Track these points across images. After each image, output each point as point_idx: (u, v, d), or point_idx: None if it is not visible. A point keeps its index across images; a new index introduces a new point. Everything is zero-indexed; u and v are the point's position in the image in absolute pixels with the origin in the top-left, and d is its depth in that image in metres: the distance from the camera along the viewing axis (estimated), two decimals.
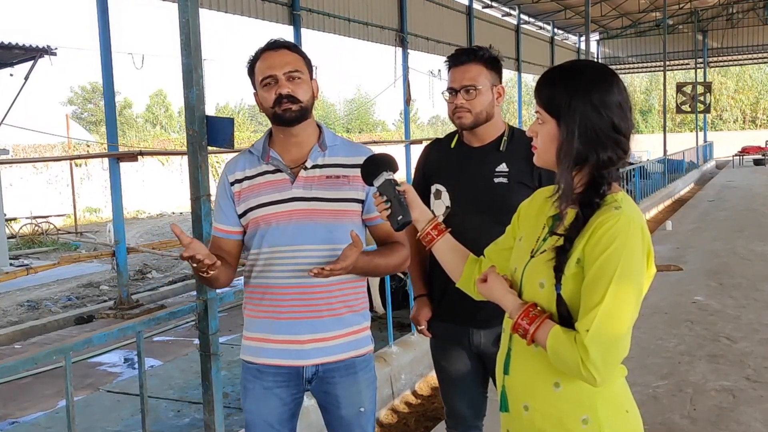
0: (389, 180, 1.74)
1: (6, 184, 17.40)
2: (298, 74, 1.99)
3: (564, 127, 1.46)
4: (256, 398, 2.07)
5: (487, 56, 2.32)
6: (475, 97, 2.29)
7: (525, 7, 23.95)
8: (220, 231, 2.09)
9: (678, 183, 18.54)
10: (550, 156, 1.51)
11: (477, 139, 2.38)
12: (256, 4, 12.50)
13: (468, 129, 2.35)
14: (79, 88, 50.28)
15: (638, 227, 1.42)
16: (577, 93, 1.45)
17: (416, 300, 2.53)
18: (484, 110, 2.31)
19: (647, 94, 49.94)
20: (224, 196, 2.08)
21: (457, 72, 2.31)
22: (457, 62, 2.32)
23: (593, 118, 1.44)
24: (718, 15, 28.37)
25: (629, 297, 1.38)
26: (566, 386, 1.47)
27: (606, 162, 1.46)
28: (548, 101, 1.49)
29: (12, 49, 9.27)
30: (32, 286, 10.69)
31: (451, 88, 2.32)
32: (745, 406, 3.93)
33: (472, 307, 1.97)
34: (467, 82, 2.28)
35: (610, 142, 1.46)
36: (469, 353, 2.39)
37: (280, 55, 1.99)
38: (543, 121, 1.51)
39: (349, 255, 1.87)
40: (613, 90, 1.47)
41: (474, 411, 2.48)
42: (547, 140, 1.50)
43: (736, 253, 8.80)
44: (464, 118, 2.31)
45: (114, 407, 4.61)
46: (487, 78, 2.31)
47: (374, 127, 54.07)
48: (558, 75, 1.51)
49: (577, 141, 1.45)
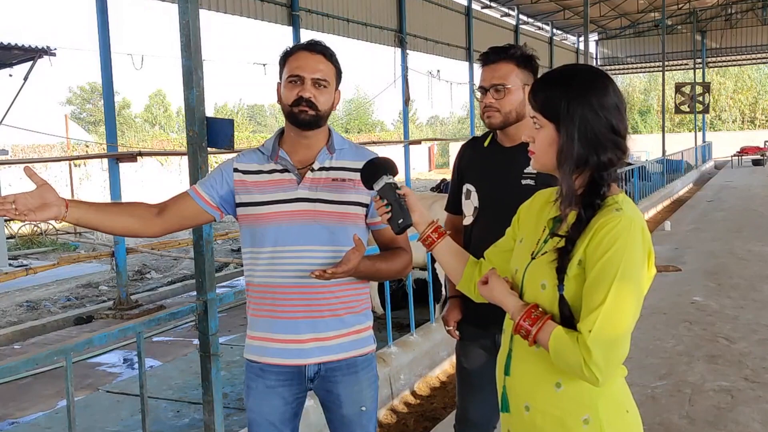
0: (389, 183, 1.75)
1: (5, 185, 17.40)
2: (325, 83, 2.00)
3: (564, 131, 1.47)
4: (259, 397, 2.08)
5: (519, 54, 2.27)
6: (504, 96, 2.24)
7: (524, 7, 23.98)
8: (196, 193, 2.05)
9: (677, 183, 18.56)
10: (548, 160, 1.52)
11: (509, 138, 2.34)
12: (255, 5, 12.51)
13: (498, 128, 2.32)
14: (78, 89, 50.29)
15: (639, 228, 1.44)
16: (574, 96, 1.46)
17: (449, 300, 2.50)
18: (513, 110, 2.26)
19: (646, 95, 49.93)
20: (220, 173, 2.07)
21: (488, 71, 2.28)
22: (487, 61, 2.29)
23: (592, 121, 1.46)
24: (717, 15, 28.40)
25: (631, 298, 1.40)
26: (567, 386, 1.48)
27: (606, 163, 1.47)
28: (545, 106, 1.50)
29: (11, 50, 9.25)
30: (31, 286, 10.69)
31: (482, 86, 2.29)
32: (743, 406, 3.94)
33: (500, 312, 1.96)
34: (496, 81, 2.25)
35: (610, 144, 1.47)
36: (492, 358, 2.31)
37: (314, 60, 1.99)
38: (540, 126, 1.51)
39: (351, 259, 1.87)
40: (609, 92, 1.48)
41: (488, 419, 2.43)
42: (545, 144, 1.51)
43: (734, 254, 8.81)
44: (493, 117, 2.28)
45: (114, 407, 4.61)
46: (518, 77, 2.26)
47: (373, 128, 54.08)
48: (554, 79, 1.52)
49: (577, 144, 1.46)
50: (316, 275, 1.85)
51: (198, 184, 2.09)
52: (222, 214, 2.09)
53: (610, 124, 1.47)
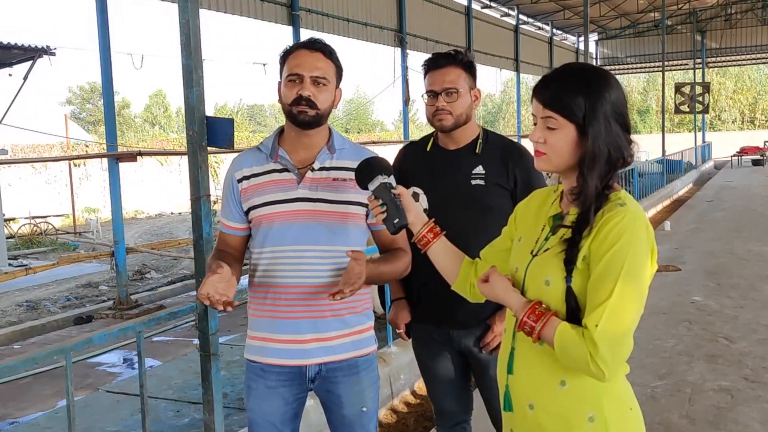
0: (384, 183, 1.74)
1: (5, 185, 17.39)
2: (324, 81, 1.99)
3: (591, 133, 1.45)
4: (260, 397, 2.08)
5: (465, 60, 2.36)
6: (456, 99, 2.32)
7: (524, 7, 23.98)
8: (227, 227, 2.11)
9: (676, 183, 18.56)
10: (564, 161, 1.50)
11: (453, 142, 2.40)
12: (255, 5, 12.51)
13: (448, 131, 2.37)
14: (78, 89, 50.32)
15: (643, 224, 1.44)
16: (597, 97, 1.45)
17: (393, 303, 2.55)
18: (464, 113, 2.34)
19: (645, 95, 49.96)
20: (230, 193, 2.09)
21: (437, 75, 2.34)
22: (436, 65, 2.35)
23: (613, 121, 1.46)
24: (717, 15, 28.41)
25: (636, 293, 1.40)
26: (572, 384, 1.48)
27: (625, 161, 1.48)
28: (565, 106, 1.46)
29: (11, 49, 9.26)
30: (31, 286, 10.69)
31: (432, 90, 2.34)
32: (743, 405, 3.94)
33: (449, 308, 2.00)
34: (448, 85, 2.31)
35: (624, 143, 1.48)
36: (452, 351, 2.43)
37: (313, 58, 1.99)
38: (557, 127, 1.47)
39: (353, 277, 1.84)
40: (619, 92, 1.49)
41: (462, 406, 2.53)
42: (562, 145, 1.48)
43: (734, 254, 8.81)
44: (445, 120, 2.33)
45: (113, 407, 4.61)
46: (466, 81, 2.35)
47: (373, 128, 54.12)
48: (570, 79, 1.49)
49: (603, 145, 1.45)
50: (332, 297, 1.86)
51: (223, 218, 2.12)
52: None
53: (626, 123, 1.48)
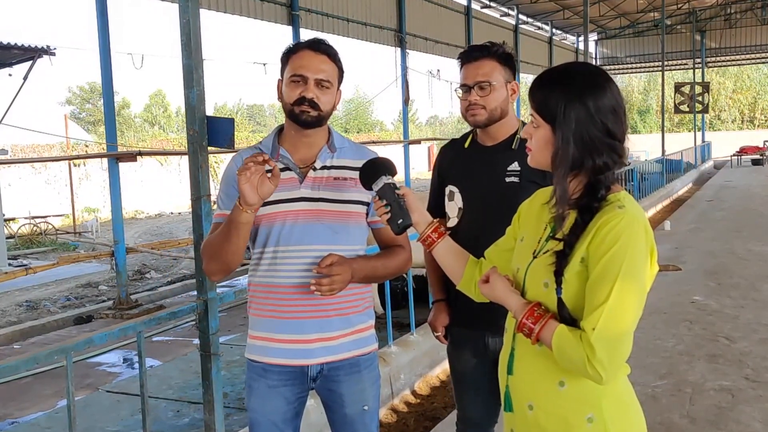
0: (388, 184, 1.74)
1: (5, 184, 17.39)
2: (328, 84, 1.99)
3: (559, 134, 1.46)
4: (261, 397, 2.07)
5: (501, 52, 2.26)
6: (489, 93, 2.22)
7: (523, 7, 23.97)
8: (224, 217, 2.01)
9: (676, 183, 18.56)
10: (543, 159, 1.52)
11: (490, 137, 2.32)
12: (255, 5, 12.51)
13: (482, 126, 2.29)
14: (78, 89, 50.28)
15: (641, 226, 1.43)
16: (572, 99, 1.45)
17: (434, 305, 2.47)
18: (498, 107, 2.25)
19: (645, 95, 49.95)
20: (232, 185, 2.01)
21: (471, 68, 2.25)
22: (470, 58, 2.27)
23: (588, 125, 1.45)
24: (716, 15, 28.39)
25: (634, 295, 1.39)
26: (571, 385, 1.47)
27: (602, 167, 1.46)
28: (542, 106, 1.49)
29: (11, 49, 9.26)
30: (31, 286, 10.69)
31: (465, 84, 2.26)
32: (743, 405, 3.94)
33: (488, 312, 1.90)
34: (481, 78, 2.22)
35: (605, 148, 1.46)
36: (485, 358, 2.31)
37: (318, 60, 1.98)
38: (537, 125, 1.51)
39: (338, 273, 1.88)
40: (607, 94, 1.47)
41: (488, 416, 2.42)
42: (541, 144, 1.51)
43: (734, 253, 8.81)
44: (478, 115, 2.25)
45: (113, 407, 4.61)
46: (501, 74, 2.25)
47: (373, 127, 54.09)
48: (552, 79, 1.51)
49: (572, 147, 1.45)
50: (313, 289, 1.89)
51: (219, 208, 2.06)
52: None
53: (605, 128, 1.45)
